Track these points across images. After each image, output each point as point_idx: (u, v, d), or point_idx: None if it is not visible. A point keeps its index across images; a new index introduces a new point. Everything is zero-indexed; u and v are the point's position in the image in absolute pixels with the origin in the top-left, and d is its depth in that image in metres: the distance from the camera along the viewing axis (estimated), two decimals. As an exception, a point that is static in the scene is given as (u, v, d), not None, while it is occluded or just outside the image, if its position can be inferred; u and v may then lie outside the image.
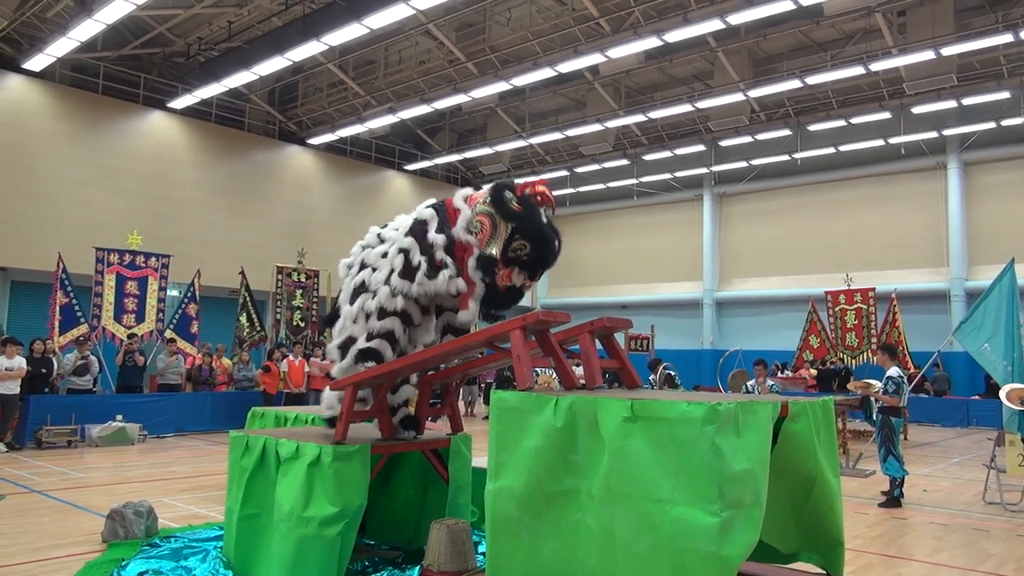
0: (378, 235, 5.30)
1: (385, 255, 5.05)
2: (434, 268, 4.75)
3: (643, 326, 21.07)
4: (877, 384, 9.73)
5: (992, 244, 20.86)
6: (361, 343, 4.93)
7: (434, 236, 4.83)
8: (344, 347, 5.03)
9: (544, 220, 4.63)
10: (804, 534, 3.93)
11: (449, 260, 4.74)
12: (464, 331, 5.02)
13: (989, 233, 21.11)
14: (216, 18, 18.42)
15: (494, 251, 4.57)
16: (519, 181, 4.77)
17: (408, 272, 4.83)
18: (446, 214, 4.88)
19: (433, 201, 5.12)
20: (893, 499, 8.28)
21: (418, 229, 4.94)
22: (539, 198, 4.66)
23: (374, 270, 5.05)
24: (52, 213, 18.14)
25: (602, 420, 3.45)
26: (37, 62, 17.39)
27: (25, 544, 5.89)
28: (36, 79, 18.35)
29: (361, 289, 5.07)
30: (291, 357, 14.63)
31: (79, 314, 13.62)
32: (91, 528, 6.33)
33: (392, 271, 4.91)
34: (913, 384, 12.32)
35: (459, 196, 4.92)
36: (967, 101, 19.06)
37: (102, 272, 14.09)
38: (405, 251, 4.91)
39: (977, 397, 18.55)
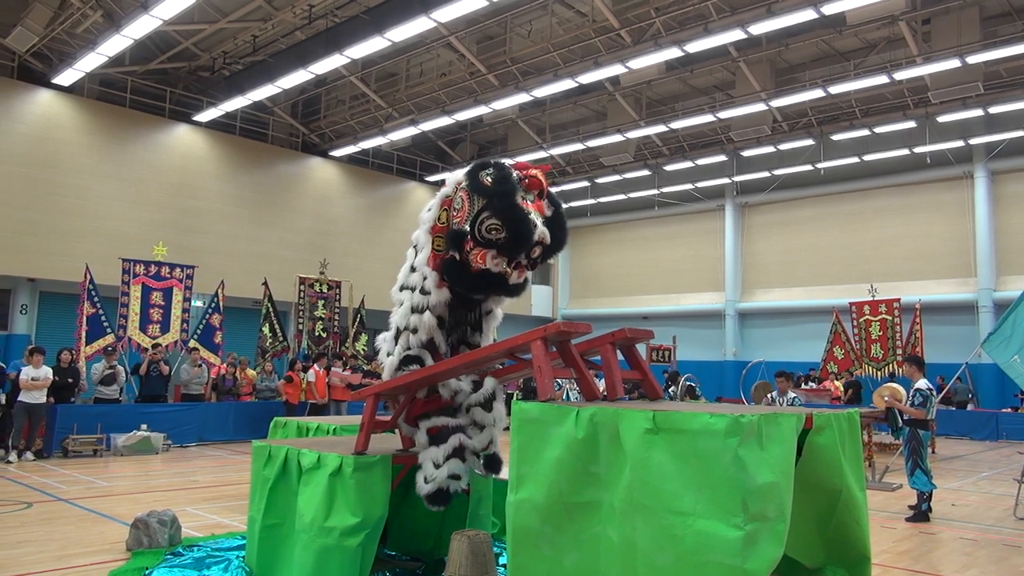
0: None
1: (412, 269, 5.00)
2: (423, 289, 4.77)
3: (665, 337, 21.01)
4: (902, 391, 9.61)
5: (1021, 254, 20.56)
6: (402, 351, 4.83)
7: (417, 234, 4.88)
8: (388, 355, 4.99)
9: (518, 199, 4.41)
10: (830, 548, 3.88)
11: (427, 271, 4.74)
12: (475, 345, 4.98)
13: (1018, 243, 20.79)
14: (241, 32, 18.69)
15: (467, 227, 4.47)
16: (514, 160, 4.58)
17: (425, 288, 4.82)
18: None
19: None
20: (921, 513, 8.14)
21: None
22: (526, 181, 4.51)
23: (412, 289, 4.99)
24: (79, 225, 18.44)
25: (624, 432, 3.43)
26: (66, 77, 17.74)
27: (51, 552, 5.96)
28: (65, 94, 18.70)
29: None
30: (316, 367, 14.72)
31: (106, 324, 13.82)
32: (116, 536, 6.39)
33: (414, 289, 4.89)
34: (941, 396, 12.13)
35: (450, 181, 4.85)
36: (994, 110, 18.83)
37: (128, 283, 14.28)
38: (411, 266, 4.96)
39: (1009, 410, 18.24)
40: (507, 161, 4.70)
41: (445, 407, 4.79)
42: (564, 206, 5.03)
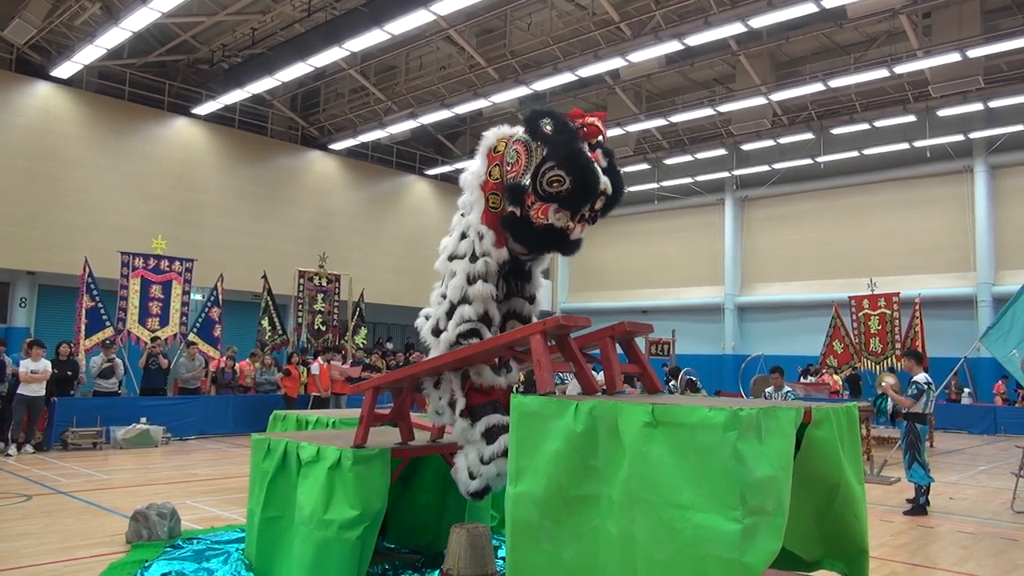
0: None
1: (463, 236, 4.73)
2: (474, 254, 4.57)
3: (664, 331, 21.05)
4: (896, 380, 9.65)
5: (1020, 249, 20.57)
6: (457, 325, 4.56)
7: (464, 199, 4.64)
8: (436, 332, 4.71)
9: (581, 147, 4.23)
10: (828, 542, 3.88)
11: (484, 230, 4.53)
12: (527, 318, 4.79)
13: (1017, 237, 20.80)
14: (240, 25, 18.63)
15: (526, 181, 4.27)
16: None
17: (475, 255, 4.61)
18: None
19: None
20: (919, 507, 8.16)
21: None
22: (585, 129, 4.33)
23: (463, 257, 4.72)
24: (78, 218, 18.42)
25: (623, 425, 3.43)
26: (65, 70, 17.69)
27: (51, 544, 5.97)
28: (64, 86, 18.66)
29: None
30: (320, 361, 14.72)
31: (105, 317, 13.82)
32: (115, 529, 6.40)
33: (465, 257, 4.64)
34: (940, 389, 12.14)
35: (491, 135, 4.64)
36: (994, 103, 18.81)
37: (127, 276, 14.28)
38: (461, 233, 4.72)
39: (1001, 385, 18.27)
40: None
41: (493, 401, 4.56)
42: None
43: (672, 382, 15.97)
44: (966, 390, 19.89)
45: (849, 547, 3.83)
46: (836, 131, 21.76)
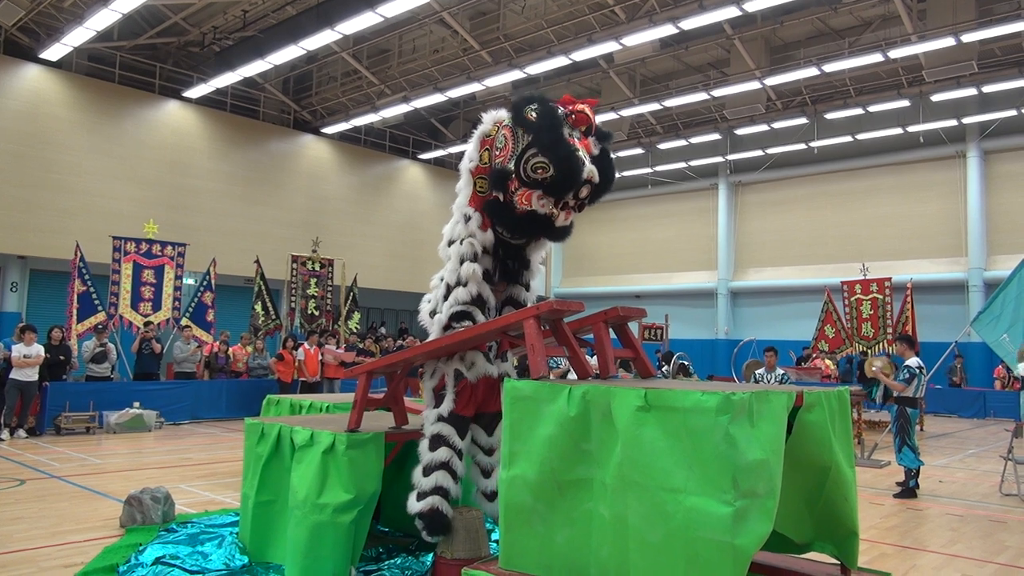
0: None
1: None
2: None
3: (657, 315, 21.03)
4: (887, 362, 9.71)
5: (1012, 234, 20.64)
6: (451, 307, 4.60)
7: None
8: (433, 315, 4.75)
9: (566, 134, 4.19)
10: (818, 524, 3.91)
11: (469, 211, 4.56)
12: (524, 305, 4.78)
13: (1009, 222, 20.87)
14: (231, 7, 18.45)
15: (511, 166, 4.25)
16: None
17: (469, 232, 4.63)
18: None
19: None
20: (908, 490, 8.24)
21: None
22: (573, 116, 4.30)
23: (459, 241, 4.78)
24: (70, 202, 18.31)
25: (616, 409, 3.44)
26: (54, 52, 17.50)
27: (45, 528, 5.98)
28: (53, 69, 18.47)
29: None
30: (306, 346, 14.71)
31: (97, 302, 13.77)
32: (109, 513, 6.42)
33: (461, 240, 4.66)
34: (931, 374, 12.22)
35: (488, 119, 4.62)
36: (987, 89, 18.80)
37: (119, 261, 14.21)
38: (456, 219, 4.75)
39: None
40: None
41: (461, 416, 4.59)
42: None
43: (665, 367, 16.02)
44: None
45: (840, 529, 3.86)
46: (830, 116, 21.75)
